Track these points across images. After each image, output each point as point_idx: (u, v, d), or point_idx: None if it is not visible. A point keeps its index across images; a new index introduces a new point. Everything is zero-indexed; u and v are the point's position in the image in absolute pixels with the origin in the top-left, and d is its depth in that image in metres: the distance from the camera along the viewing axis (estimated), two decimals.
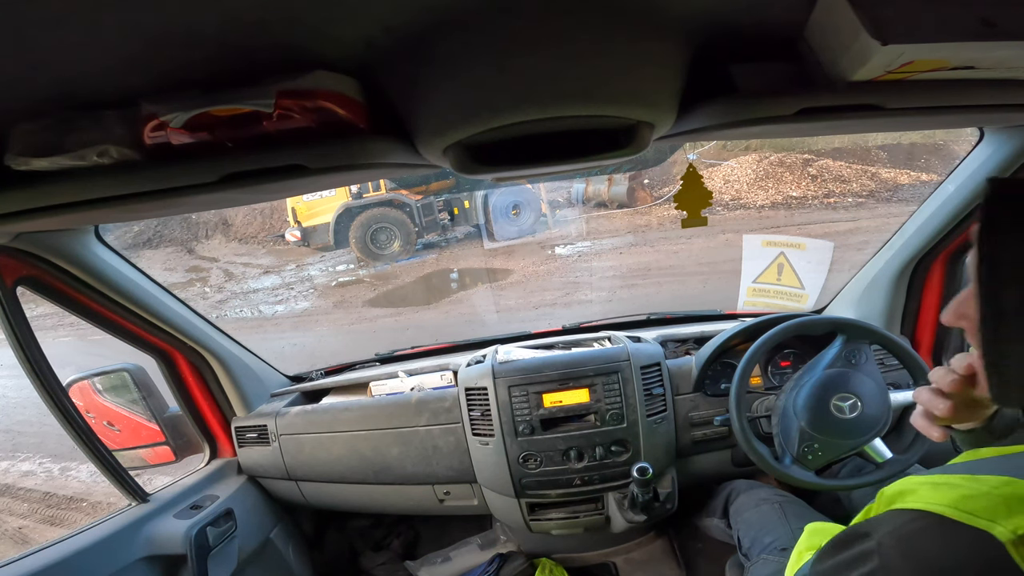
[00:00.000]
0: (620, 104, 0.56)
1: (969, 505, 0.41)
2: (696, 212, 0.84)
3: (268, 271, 8.93)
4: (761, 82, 0.58)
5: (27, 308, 0.97)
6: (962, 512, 0.41)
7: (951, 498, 0.42)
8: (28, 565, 0.94)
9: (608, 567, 1.58)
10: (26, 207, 0.61)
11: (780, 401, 1.11)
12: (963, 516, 0.41)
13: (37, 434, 4.38)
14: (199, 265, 9.86)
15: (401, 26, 0.47)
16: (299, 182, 0.60)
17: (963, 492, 0.42)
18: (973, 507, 0.41)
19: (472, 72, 0.51)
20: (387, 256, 8.05)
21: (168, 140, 0.53)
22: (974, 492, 0.42)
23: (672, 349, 1.48)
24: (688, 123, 0.63)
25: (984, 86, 0.56)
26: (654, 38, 0.52)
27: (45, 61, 0.46)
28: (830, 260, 1.68)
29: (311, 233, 8.33)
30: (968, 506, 0.41)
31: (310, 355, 5.24)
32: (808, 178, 8.17)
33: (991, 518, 0.39)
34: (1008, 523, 0.39)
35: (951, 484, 0.44)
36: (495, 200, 8.07)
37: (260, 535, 1.43)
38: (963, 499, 0.42)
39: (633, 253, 7.10)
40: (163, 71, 0.50)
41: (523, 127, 0.57)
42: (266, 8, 0.43)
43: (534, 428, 1.28)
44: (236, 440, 1.48)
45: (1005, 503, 0.40)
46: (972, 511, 0.40)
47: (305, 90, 0.51)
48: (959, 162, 1.11)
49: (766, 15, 0.53)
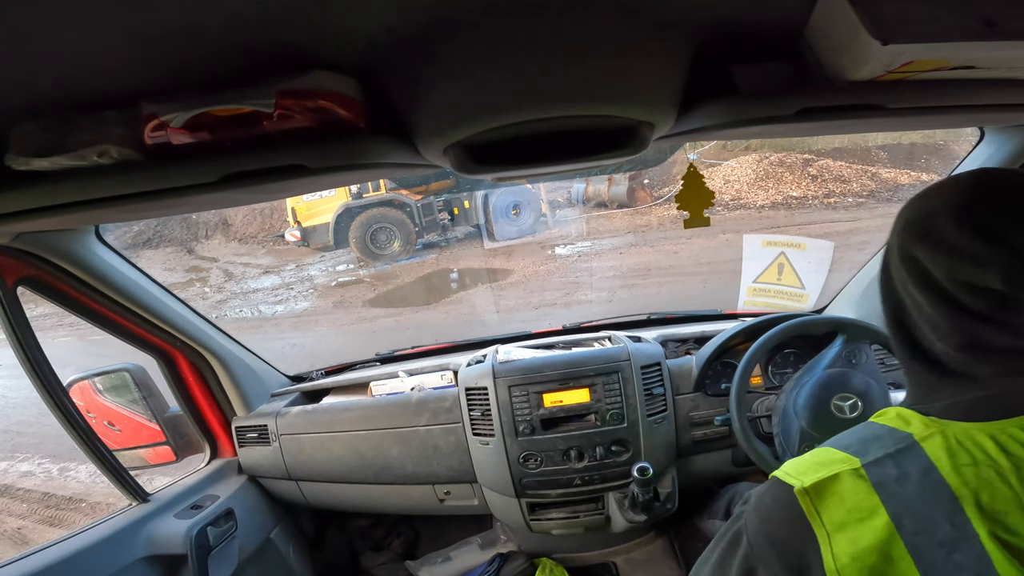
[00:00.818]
0: (620, 104, 0.56)
1: (791, 467, 0.51)
2: (698, 212, 0.84)
3: (268, 271, 8.92)
4: (761, 82, 0.58)
5: (27, 308, 0.96)
6: (788, 474, 0.51)
7: (791, 466, 0.52)
8: (28, 565, 0.94)
9: (608, 567, 1.58)
10: (26, 207, 0.61)
11: (780, 401, 1.11)
12: (785, 476, 0.51)
13: (36, 434, 4.38)
14: (199, 265, 9.86)
15: (401, 26, 0.47)
16: (299, 182, 0.60)
17: (798, 460, 0.52)
18: (795, 470, 0.50)
19: (472, 72, 0.51)
20: (387, 256, 8.05)
21: (168, 140, 0.53)
22: (801, 460, 0.52)
23: (672, 349, 1.48)
24: (688, 123, 0.63)
25: (984, 86, 0.56)
26: (654, 38, 0.52)
27: (45, 61, 0.46)
28: (830, 260, 1.68)
29: (311, 233, 8.32)
30: (790, 468, 0.51)
31: (310, 355, 5.24)
32: (808, 178, 8.17)
33: (800, 477, 0.49)
34: (805, 479, 0.48)
35: (800, 456, 0.54)
36: (495, 200, 8.07)
37: (260, 535, 1.43)
38: (796, 464, 0.51)
39: (633, 253, 7.10)
40: (163, 71, 0.50)
41: (523, 127, 0.57)
42: (266, 8, 0.43)
43: (534, 428, 1.28)
44: (236, 440, 1.48)
45: (815, 466, 0.49)
46: (792, 473, 0.50)
47: (305, 90, 0.51)
48: (959, 162, 1.11)
49: (766, 15, 0.53)
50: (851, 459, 0.48)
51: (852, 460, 0.48)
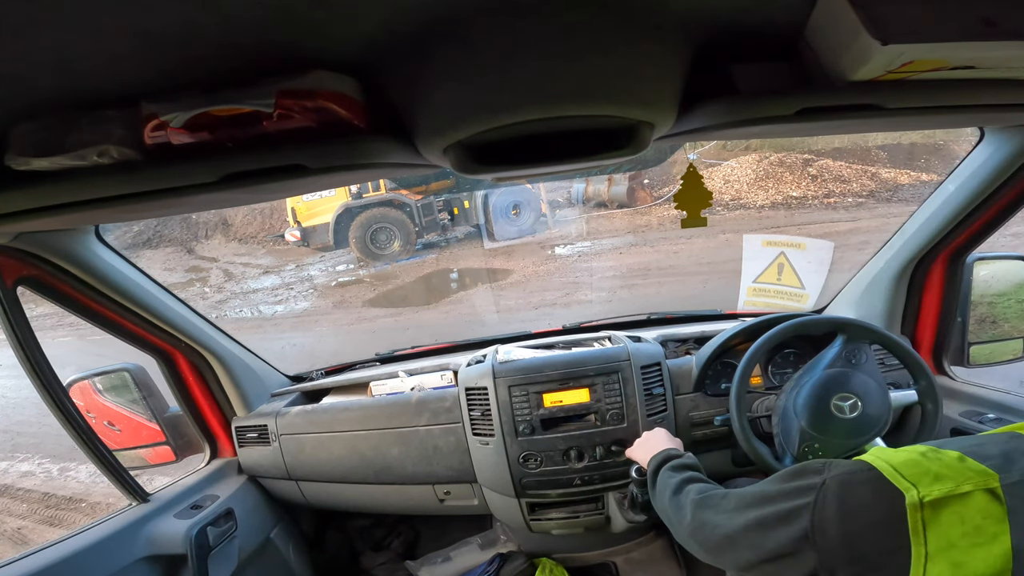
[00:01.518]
0: (620, 104, 0.56)
1: (906, 469, 0.43)
2: (696, 212, 0.85)
3: (268, 271, 8.92)
4: (761, 82, 0.58)
5: (27, 308, 0.96)
6: (895, 472, 0.43)
7: (898, 460, 0.44)
8: (28, 565, 0.94)
9: (608, 567, 1.58)
10: (26, 207, 0.61)
11: (780, 401, 1.11)
12: (894, 476, 0.43)
13: (36, 434, 4.38)
14: (199, 265, 9.86)
15: (401, 26, 0.47)
16: (299, 182, 0.60)
17: (911, 457, 0.44)
18: (908, 471, 0.42)
19: (472, 72, 0.51)
20: (387, 256, 8.05)
21: (168, 140, 0.53)
22: (920, 459, 0.43)
23: (672, 349, 1.48)
24: (688, 123, 0.63)
25: (984, 86, 0.56)
26: (654, 38, 0.52)
27: (45, 61, 0.46)
28: (830, 260, 1.68)
29: (311, 233, 8.33)
30: (905, 469, 0.43)
31: (310, 355, 5.24)
32: (808, 178, 8.17)
33: (914, 482, 0.42)
34: (925, 489, 0.41)
35: (910, 449, 0.45)
36: (495, 200, 8.08)
37: (260, 535, 1.43)
38: (905, 463, 0.43)
39: (633, 253, 7.11)
40: (163, 71, 0.50)
41: (523, 127, 0.57)
42: (266, 8, 0.43)
43: (534, 428, 1.28)
44: (236, 440, 1.48)
45: (941, 474, 0.42)
46: (904, 473, 0.42)
47: (305, 90, 0.51)
48: (959, 162, 1.11)
49: (766, 15, 0.53)
50: (989, 474, 0.41)
51: (991, 476, 0.41)
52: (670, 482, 0.84)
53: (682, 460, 0.91)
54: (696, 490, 0.76)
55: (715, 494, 0.69)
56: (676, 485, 0.82)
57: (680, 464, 0.90)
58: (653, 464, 0.95)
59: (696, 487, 0.78)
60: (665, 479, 0.87)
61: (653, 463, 0.95)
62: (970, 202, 1.09)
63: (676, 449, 1.00)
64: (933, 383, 1.06)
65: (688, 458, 0.93)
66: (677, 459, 0.92)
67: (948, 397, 1.19)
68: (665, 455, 0.95)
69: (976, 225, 1.14)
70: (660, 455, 0.96)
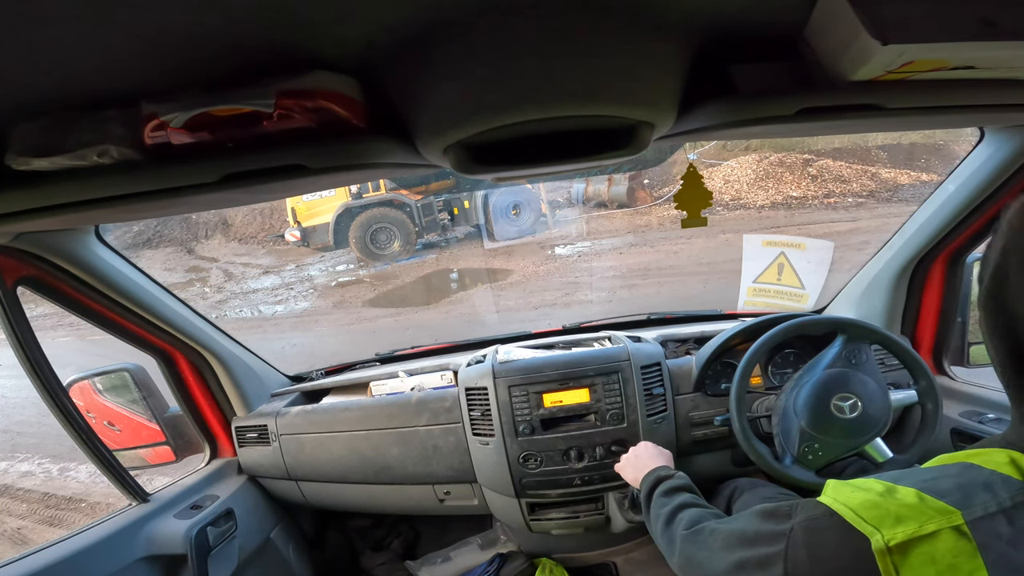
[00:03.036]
0: (620, 104, 0.56)
1: (866, 511, 0.42)
2: (696, 212, 0.85)
3: (268, 271, 8.92)
4: (761, 82, 0.58)
5: (27, 308, 0.96)
6: (857, 517, 0.42)
7: (856, 502, 0.43)
8: (28, 565, 0.94)
9: (608, 567, 1.58)
10: (26, 207, 0.61)
11: (780, 401, 1.11)
12: (856, 520, 0.42)
13: (36, 434, 4.38)
14: (199, 265, 9.86)
15: (401, 26, 0.47)
16: (299, 182, 0.60)
17: (869, 498, 0.43)
18: (868, 513, 0.42)
19: (472, 72, 0.51)
20: (387, 256, 8.05)
21: (168, 140, 0.53)
22: (878, 500, 0.43)
23: (672, 349, 1.48)
24: (688, 123, 0.63)
25: (984, 86, 0.56)
26: (654, 38, 0.52)
27: (45, 61, 0.46)
28: (830, 260, 1.68)
29: (311, 233, 8.33)
30: (864, 512, 0.42)
31: (310, 355, 5.24)
32: (808, 178, 8.17)
33: (877, 525, 0.41)
34: (888, 533, 0.40)
35: (867, 488, 0.45)
36: (495, 200, 8.08)
37: (260, 535, 1.43)
38: (864, 504, 0.43)
39: (633, 253, 7.11)
40: (163, 71, 0.50)
41: (523, 127, 0.57)
42: (266, 8, 0.43)
43: (534, 428, 1.28)
44: (236, 440, 1.48)
45: (901, 515, 0.41)
46: (865, 517, 0.42)
47: (305, 90, 0.51)
48: (959, 162, 1.11)
49: (766, 15, 0.53)
50: (951, 511, 0.40)
51: (952, 513, 0.40)
52: (662, 512, 0.83)
53: (673, 482, 0.90)
54: (686, 521, 0.75)
55: (704, 528, 0.68)
56: (668, 515, 0.81)
57: (671, 487, 0.88)
58: (645, 488, 0.93)
59: (687, 516, 0.77)
60: (657, 508, 0.86)
61: (645, 486, 0.93)
62: (970, 202, 1.09)
63: (666, 467, 0.98)
64: (933, 383, 1.06)
65: (679, 478, 0.91)
66: (668, 480, 0.90)
67: (948, 397, 1.19)
68: (656, 477, 0.93)
69: (976, 225, 1.14)
70: (651, 476, 0.94)
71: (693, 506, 0.81)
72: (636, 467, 1.03)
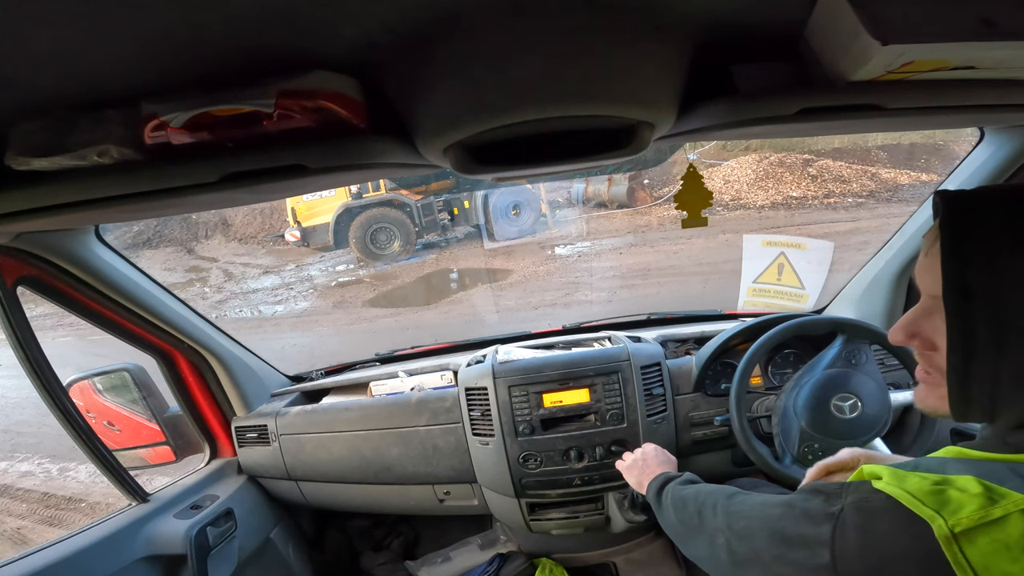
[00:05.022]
0: (620, 104, 0.56)
1: (924, 496, 0.41)
2: (696, 212, 0.84)
3: (268, 271, 8.92)
4: (761, 82, 0.58)
5: (27, 308, 0.96)
6: (915, 500, 0.41)
7: (913, 486, 0.42)
8: (28, 565, 0.94)
9: (608, 567, 1.58)
10: (26, 207, 0.61)
11: (780, 401, 1.11)
12: (913, 503, 0.41)
13: (36, 434, 4.38)
14: (199, 265, 9.86)
15: (401, 26, 0.47)
16: (299, 182, 0.60)
17: (924, 483, 0.42)
18: (927, 498, 0.41)
19: (472, 72, 0.51)
20: (387, 256, 8.05)
21: (168, 140, 0.53)
22: (933, 487, 0.42)
23: (672, 349, 1.48)
24: (688, 123, 0.63)
25: (984, 86, 0.56)
26: (654, 38, 0.52)
27: (45, 61, 0.46)
28: (830, 260, 1.68)
29: (311, 233, 8.33)
30: (924, 496, 0.41)
31: (310, 355, 5.24)
32: (808, 178, 8.17)
33: (937, 509, 0.39)
34: (952, 518, 0.38)
35: (920, 475, 0.44)
36: (495, 200, 8.07)
37: (260, 535, 1.43)
38: (920, 489, 0.42)
39: (633, 253, 7.11)
40: (163, 71, 0.50)
41: (523, 127, 0.57)
42: (266, 8, 0.43)
43: (534, 428, 1.28)
44: (236, 440, 1.48)
45: (956, 499, 0.40)
46: (924, 500, 0.40)
47: (305, 90, 0.51)
48: (959, 162, 1.11)
49: (766, 15, 0.53)
50: (1015, 496, 0.38)
51: (1017, 496, 0.38)
52: (683, 495, 0.80)
53: (686, 476, 0.89)
54: (718, 493, 0.72)
55: (742, 498, 0.66)
56: (691, 497, 0.78)
57: (685, 480, 0.87)
58: (654, 487, 0.92)
59: (715, 490, 0.75)
60: (674, 497, 0.83)
61: (654, 486, 0.92)
62: None
63: (673, 472, 0.97)
64: None
65: (688, 475, 0.90)
66: (678, 478, 0.89)
67: None
68: (665, 477, 0.92)
69: None
70: (660, 478, 0.93)
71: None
72: (643, 471, 1.02)
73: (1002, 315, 0.42)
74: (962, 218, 0.44)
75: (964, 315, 0.43)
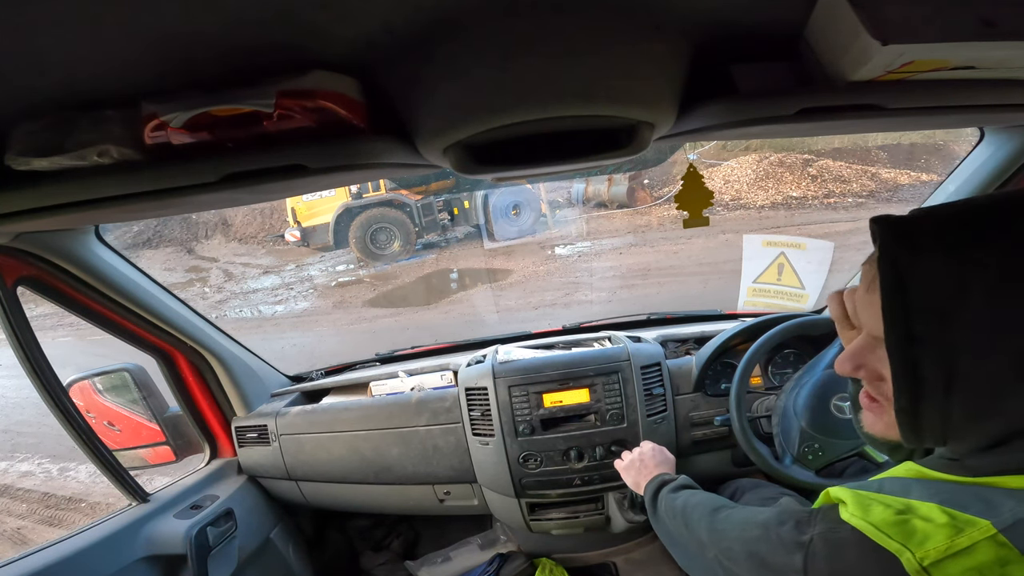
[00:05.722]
0: (620, 104, 0.56)
1: (889, 528, 0.40)
2: (697, 212, 0.84)
3: (268, 271, 8.92)
4: (761, 82, 0.58)
5: (27, 308, 0.96)
6: (880, 533, 0.40)
7: (877, 517, 0.42)
8: (28, 565, 0.94)
9: (608, 567, 1.58)
10: (26, 207, 0.61)
11: (780, 401, 1.11)
12: (879, 537, 0.40)
13: (36, 434, 4.38)
14: (199, 265, 9.86)
15: (402, 26, 0.47)
16: (299, 182, 0.60)
17: (889, 514, 0.42)
18: (892, 530, 0.40)
19: (473, 72, 0.51)
20: (387, 256, 8.05)
21: (168, 140, 0.53)
22: (898, 517, 0.41)
23: (672, 349, 1.48)
24: (688, 123, 0.63)
25: (984, 86, 0.56)
26: (654, 38, 0.52)
27: (45, 61, 0.46)
28: (830, 260, 1.68)
29: (311, 233, 8.32)
30: (888, 528, 0.40)
31: (310, 355, 5.24)
32: (808, 178, 8.17)
33: (904, 542, 0.39)
34: (920, 551, 0.38)
35: (884, 503, 0.43)
36: (495, 200, 8.07)
37: (260, 535, 1.43)
38: (885, 521, 0.41)
39: (633, 253, 7.11)
40: (163, 71, 0.50)
41: (523, 127, 0.57)
42: (266, 8, 0.43)
43: (534, 428, 1.28)
44: (236, 440, 1.48)
45: (921, 530, 0.39)
46: (889, 533, 0.40)
47: (305, 90, 0.51)
48: (959, 162, 1.10)
49: (766, 15, 0.53)
50: (979, 522, 0.38)
51: (982, 523, 0.37)
52: (674, 503, 0.82)
53: (679, 482, 0.90)
54: (707, 501, 0.74)
55: (726, 511, 0.67)
56: (680, 506, 0.79)
57: (679, 485, 0.88)
58: (650, 490, 0.93)
59: (704, 498, 0.76)
60: (667, 503, 0.84)
61: (650, 489, 0.93)
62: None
63: (669, 474, 0.98)
64: None
65: (684, 479, 0.91)
66: (673, 482, 0.90)
67: None
68: (661, 480, 0.93)
69: None
70: (656, 480, 0.94)
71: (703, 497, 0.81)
72: (640, 471, 1.03)
73: (950, 356, 0.40)
74: (905, 257, 0.40)
75: (910, 360, 0.41)
